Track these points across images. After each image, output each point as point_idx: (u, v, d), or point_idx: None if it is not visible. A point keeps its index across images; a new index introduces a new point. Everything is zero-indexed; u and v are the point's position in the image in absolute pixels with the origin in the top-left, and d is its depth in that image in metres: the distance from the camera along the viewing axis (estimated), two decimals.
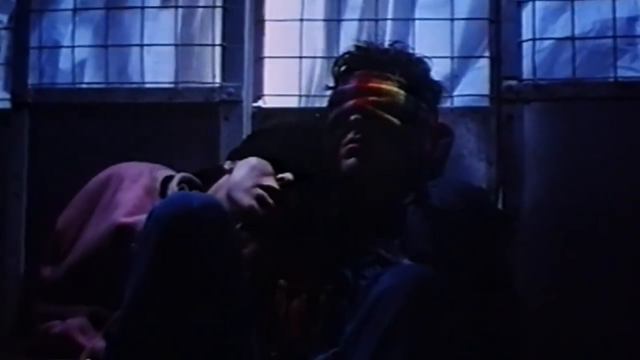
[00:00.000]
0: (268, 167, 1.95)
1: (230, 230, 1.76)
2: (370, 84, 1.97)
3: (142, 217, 1.93)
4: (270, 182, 1.91)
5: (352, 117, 1.95)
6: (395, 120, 1.95)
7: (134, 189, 2.02)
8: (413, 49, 2.12)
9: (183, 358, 1.66)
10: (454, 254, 1.89)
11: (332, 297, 1.88)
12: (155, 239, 1.69)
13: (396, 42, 2.08)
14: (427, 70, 2.04)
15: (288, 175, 1.93)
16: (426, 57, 2.07)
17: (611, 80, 2.26)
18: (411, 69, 2.00)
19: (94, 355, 1.82)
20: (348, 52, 2.07)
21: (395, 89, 1.96)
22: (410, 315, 1.65)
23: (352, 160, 1.94)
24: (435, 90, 2.06)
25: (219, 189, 1.97)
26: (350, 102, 1.97)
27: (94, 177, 2.07)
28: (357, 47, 2.05)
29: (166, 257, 1.69)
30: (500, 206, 2.26)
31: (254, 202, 1.87)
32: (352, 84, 1.99)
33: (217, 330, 1.69)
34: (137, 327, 1.68)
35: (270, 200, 1.88)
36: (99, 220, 1.99)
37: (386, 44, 2.09)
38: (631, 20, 2.29)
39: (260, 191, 1.89)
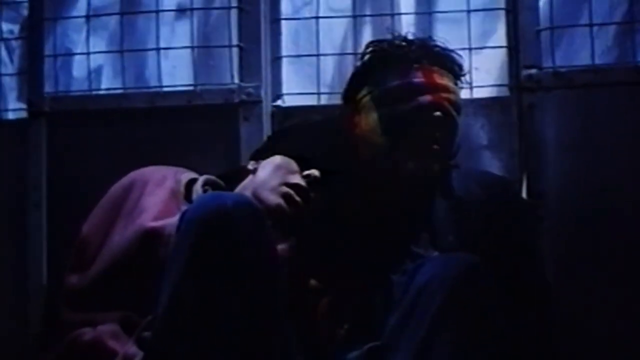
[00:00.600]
0: (293, 164, 1.94)
1: (265, 228, 1.75)
2: (439, 81, 1.91)
3: (170, 221, 1.92)
4: (297, 179, 1.90)
5: (436, 114, 1.88)
6: (458, 119, 1.92)
7: (158, 193, 2.01)
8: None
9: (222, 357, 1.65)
10: (481, 245, 1.88)
11: (363, 296, 1.87)
12: (190, 240, 1.68)
13: (429, 37, 2.04)
14: (462, 64, 2.00)
15: (314, 172, 1.92)
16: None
17: (630, 65, 2.26)
18: (454, 63, 1.96)
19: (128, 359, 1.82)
20: (396, 45, 1.97)
21: (452, 85, 1.92)
22: (457, 303, 1.64)
23: (432, 162, 1.88)
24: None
25: (244, 190, 1.96)
26: (427, 98, 1.88)
27: (117, 183, 2.06)
28: (404, 40, 1.97)
29: (202, 258, 1.68)
30: (524, 195, 2.26)
31: (281, 201, 1.86)
32: (421, 79, 1.90)
33: (254, 331, 1.69)
34: (175, 329, 1.67)
35: (297, 198, 1.87)
36: (124, 225, 1.98)
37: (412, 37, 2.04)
38: None
39: (287, 189, 1.88)
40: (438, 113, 1.87)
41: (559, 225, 2.24)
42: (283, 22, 2.41)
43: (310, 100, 2.39)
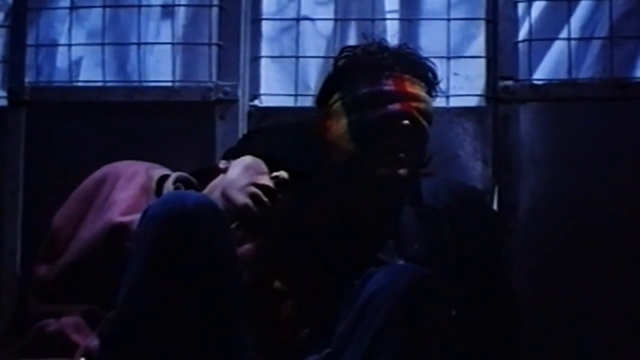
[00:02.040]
0: (262, 165, 1.95)
1: (225, 229, 1.75)
2: (410, 89, 1.89)
3: (137, 217, 1.93)
4: (265, 180, 1.91)
5: (404, 122, 1.87)
6: (428, 128, 1.91)
7: (129, 188, 2.02)
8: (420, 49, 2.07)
9: (176, 357, 1.66)
10: (448, 254, 1.89)
11: (326, 299, 1.86)
12: (149, 238, 1.68)
13: (405, 44, 2.01)
14: (436, 73, 1.98)
15: (283, 174, 1.93)
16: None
17: (607, 80, 2.26)
18: (428, 72, 1.94)
19: (89, 353, 1.82)
20: (369, 51, 1.95)
21: (423, 93, 1.91)
22: (402, 315, 1.63)
23: (399, 170, 1.86)
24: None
25: (214, 189, 1.96)
26: (396, 107, 1.87)
27: (90, 176, 2.07)
28: (379, 46, 1.95)
29: (160, 257, 1.68)
30: (496, 206, 2.26)
31: (248, 201, 1.87)
32: (391, 87, 1.89)
33: (211, 330, 1.70)
34: (131, 326, 1.67)
35: (265, 199, 1.88)
36: (94, 219, 1.99)
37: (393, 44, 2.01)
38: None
39: (254, 189, 1.88)
40: (406, 122, 1.86)
41: (530, 237, 2.24)
42: (263, 22, 2.41)
43: (288, 102, 2.39)
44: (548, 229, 2.25)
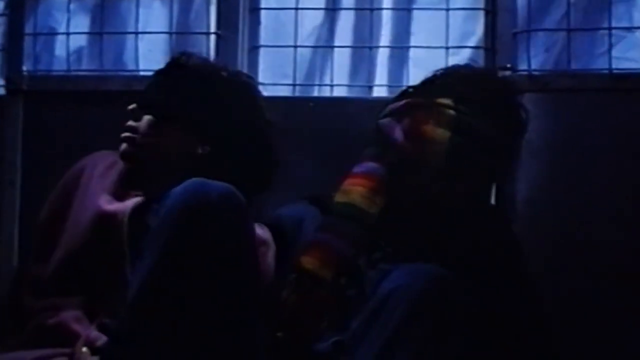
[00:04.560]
0: None
1: (248, 221, 1.72)
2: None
3: (121, 206, 1.92)
4: None
5: None
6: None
7: (109, 176, 2.00)
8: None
9: (189, 349, 1.65)
10: (452, 249, 1.88)
11: (343, 288, 1.86)
12: (169, 230, 1.65)
13: None
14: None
15: None
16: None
17: (606, 71, 2.26)
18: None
19: (90, 343, 1.82)
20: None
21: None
22: (419, 316, 1.62)
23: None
24: None
25: None
26: None
27: (70, 169, 2.06)
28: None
29: (180, 249, 1.64)
30: (494, 196, 2.26)
31: None
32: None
33: (224, 324, 1.68)
34: (142, 318, 1.65)
35: None
36: (78, 210, 1.98)
37: None
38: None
39: None
40: None
41: (528, 227, 2.24)
42: (262, 11, 2.40)
43: (286, 92, 2.39)
44: (546, 219, 2.25)
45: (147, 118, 1.98)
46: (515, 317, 1.88)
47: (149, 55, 2.40)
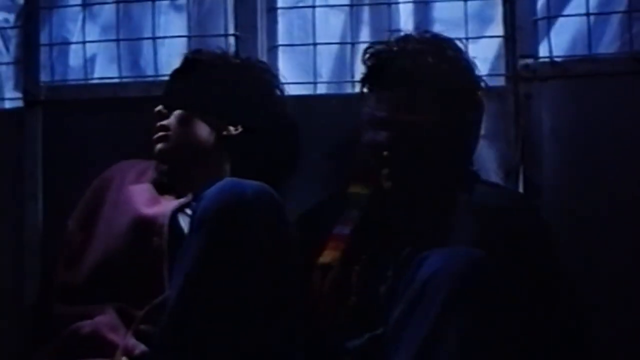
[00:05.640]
0: None
1: (284, 217, 1.74)
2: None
3: (160, 210, 1.92)
4: None
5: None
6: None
7: (142, 181, 2.01)
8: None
9: (231, 353, 1.65)
10: (499, 255, 1.86)
11: (366, 270, 1.86)
12: (207, 231, 1.66)
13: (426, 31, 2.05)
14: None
15: None
16: None
17: (628, 55, 2.25)
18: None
19: (129, 352, 1.82)
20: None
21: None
22: (463, 298, 1.59)
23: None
24: None
25: None
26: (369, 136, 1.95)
27: (99, 176, 2.06)
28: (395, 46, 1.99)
29: (219, 250, 1.66)
30: (521, 185, 2.25)
31: None
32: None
33: (267, 323, 1.68)
34: (184, 323, 1.66)
35: None
36: (111, 215, 1.97)
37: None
38: None
39: None
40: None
41: (555, 216, 2.22)
42: (279, 10, 2.39)
43: (307, 90, 2.37)
44: (573, 206, 2.24)
45: (175, 114, 2.01)
46: (546, 305, 1.88)
47: (168, 60, 2.38)
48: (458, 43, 2.02)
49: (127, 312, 1.88)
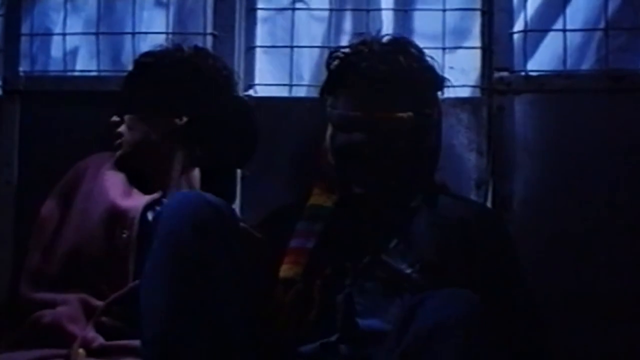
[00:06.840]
0: None
1: (239, 229, 1.77)
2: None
3: (133, 204, 1.93)
4: None
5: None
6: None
7: (116, 174, 2.03)
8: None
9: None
10: (459, 262, 1.89)
11: (328, 286, 1.86)
12: (165, 241, 1.68)
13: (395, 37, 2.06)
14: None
15: None
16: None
17: (602, 72, 2.26)
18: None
19: (86, 344, 1.83)
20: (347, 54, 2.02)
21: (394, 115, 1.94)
22: (474, 346, 1.56)
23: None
24: None
25: None
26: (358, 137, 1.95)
27: (73, 167, 2.08)
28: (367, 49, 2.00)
29: (176, 258, 1.67)
30: (490, 197, 2.26)
31: None
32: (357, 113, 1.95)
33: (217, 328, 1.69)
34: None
35: None
36: (84, 205, 1.99)
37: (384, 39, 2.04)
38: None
39: None
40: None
41: (524, 228, 2.24)
42: (265, 13, 2.40)
43: (283, 92, 2.39)
44: (542, 220, 2.25)
45: (125, 119, 2.08)
46: (512, 318, 1.89)
47: None
48: (418, 44, 2.05)
49: (89, 303, 1.89)
